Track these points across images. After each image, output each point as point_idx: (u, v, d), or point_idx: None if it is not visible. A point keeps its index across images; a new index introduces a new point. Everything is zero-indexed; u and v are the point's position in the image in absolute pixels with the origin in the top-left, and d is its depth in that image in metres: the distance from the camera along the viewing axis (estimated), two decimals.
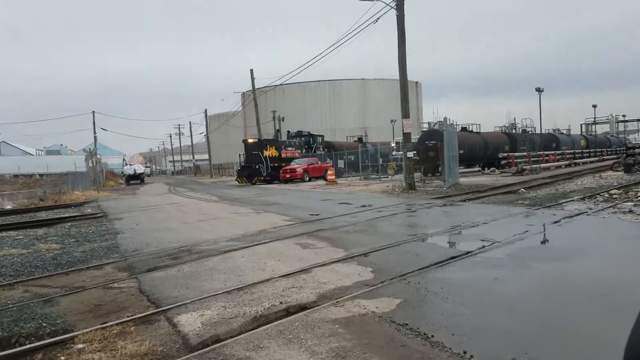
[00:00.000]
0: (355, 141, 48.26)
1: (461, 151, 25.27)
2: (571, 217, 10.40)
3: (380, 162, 36.31)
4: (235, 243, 9.27)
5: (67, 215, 17.59)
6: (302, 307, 5.04)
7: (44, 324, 5.01)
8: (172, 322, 4.85)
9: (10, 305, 5.79)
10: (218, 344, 4.17)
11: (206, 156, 79.03)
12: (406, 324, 4.36)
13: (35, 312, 5.48)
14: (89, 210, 19.44)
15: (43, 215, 18.56)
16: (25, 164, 66.63)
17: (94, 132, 60.53)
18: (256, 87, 44.69)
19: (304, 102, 72.33)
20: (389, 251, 7.73)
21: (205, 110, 74.45)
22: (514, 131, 38.44)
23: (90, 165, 40.11)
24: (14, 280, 7.17)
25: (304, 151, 39.89)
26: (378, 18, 20.16)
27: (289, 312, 4.93)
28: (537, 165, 30.42)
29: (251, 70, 43.86)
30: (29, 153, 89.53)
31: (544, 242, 8.13)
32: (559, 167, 35.10)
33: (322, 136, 44.93)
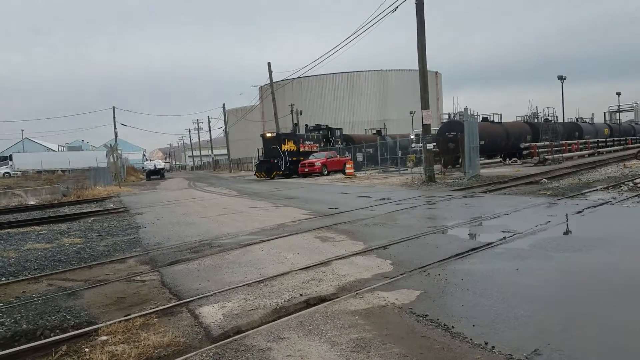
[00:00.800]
0: (373, 134, 48.08)
1: (482, 142, 24.99)
2: (594, 207, 10.22)
3: (400, 155, 36.14)
4: (255, 237, 9.32)
5: (89, 210, 17.89)
6: (322, 299, 5.05)
7: (68, 317, 5.10)
8: (194, 313, 4.91)
9: (35, 299, 5.91)
10: (239, 335, 4.20)
11: (225, 151, 79.58)
12: (426, 315, 4.34)
13: (60, 305, 5.59)
14: (111, 205, 19.72)
15: (66, 210, 18.88)
16: (48, 160, 67.68)
17: (115, 128, 61.31)
18: (274, 80, 44.73)
19: (322, 95, 72.17)
20: (408, 243, 7.70)
21: (224, 104, 74.79)
22: (535, 120, 37.88)
23: (112, 160, 40.69)
24: (39, 274, 7.32)
25: (322, 145, 39.83)
26: (397, 7, 19.95)
27: (308, 304, 4.95)
28: (560, 155, 29.95)
29: (269, 64, 43.90)
30: (52, 149, 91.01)
31: (566, 232, 8.01)
32: (582, 156, 34.51)
33: (341, 129, 44.82)
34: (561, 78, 44.24)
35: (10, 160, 66.57)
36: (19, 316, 5.21)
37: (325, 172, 33.12)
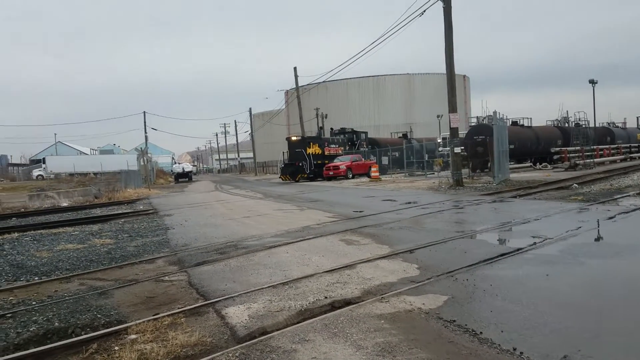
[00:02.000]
0: (399, 137, 47.78)
1: (511, 146, 24.59)
2: (627, 212, 9.97)
3: (426, 159, 35.83)
4: (280, 239, 9.36)
5: (120, 211, 18.22)
6: (347, 302, 5.04)
7: (98, 315, 5.20)
8: (221, 314, 4.96)
9: (67, 298, 6.05)
10: (265, 336, 4.23)
11: (251, 154, 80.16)
12: (454, 321, 4.29)
13: (91, 304, 5.70)
14: (141, 207, 20.06)
15: (97, 212, 19.27)
16: (81, 163, 69.21)
17: (145, 132, 62.36)
18: (300, 84, 44.92)
19: (347, 98, 72.15)
20: (435, 248, 7.62)
21: (250, 109, 75.58)
22: (566, 125, 37.16)
23: (142, 163, 41.41)
24: (71, 274, 7.49)
25: (347, 148, 39.83)
26: (424, 10, 19.81)
27: (333, 306, 4.94)
28: (591, 160, 29.31)
29: (295, 68, 44.14)
30: (84, 152, 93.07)
31: (598, 238, 7.83)
32: (614, 161, 33.71)
33: (366, 133, 44.76)
34: (592, 82, 43.32)
35: (44, 163, 68.31)
36: (51, 314, 5.34)
37: (350, 176, 33.07)
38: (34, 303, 5.89)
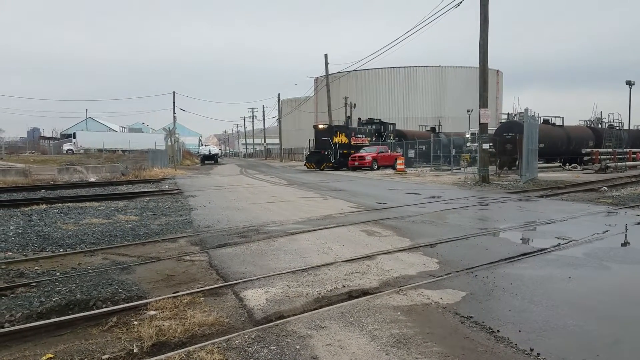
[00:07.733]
0: (427, 131, 47.24)
1: (541, 145, 24.13)
2: None
3: (453, 153, 35.42)
4: (301, 226, 9.39)
5: (146, 190, 18.52)
6: (365, 292, 5.04)
7: (119, 290, 5.31)
8: (239, 296, 5.01)
9: (90, 271, 6.18)
10: (281, 321, 4.26)
11: (277, 140, 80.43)
12: (471, 317, 4.26)
13: (113, 278, 5.82)
14: (166, 187, 20.35)
15: (124, 188, 19.64)
16: (109, 140, 70.03)
17: (174, 112, 62.83)
18: (329, 72, 44.69)
19: (377, 89, 71.52)
20: (456, 243, 7.55)
21: (279, 94, 75.66)
22: (599, 126, 36.28)
23: (169, 143, 41.92)
24: (95, 248, 7.66)
25: (374, 139, 39.56)
26: (460, 2, 19.49)
27: (351, 296, 4.95)
28: (623, 163, 28.56)
29: (325, 55, 43.89)
30: (113, 129, 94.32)
31: (624, 243, 7.65)
32: None
33: (394, 124, 44.35)
34: (629, 83, 41.93)
35: (74, 137, 69.42)
36: (74, 286, 5.47)
37: (375, 167, 32.92)
38: (58, 274, 6.05)
